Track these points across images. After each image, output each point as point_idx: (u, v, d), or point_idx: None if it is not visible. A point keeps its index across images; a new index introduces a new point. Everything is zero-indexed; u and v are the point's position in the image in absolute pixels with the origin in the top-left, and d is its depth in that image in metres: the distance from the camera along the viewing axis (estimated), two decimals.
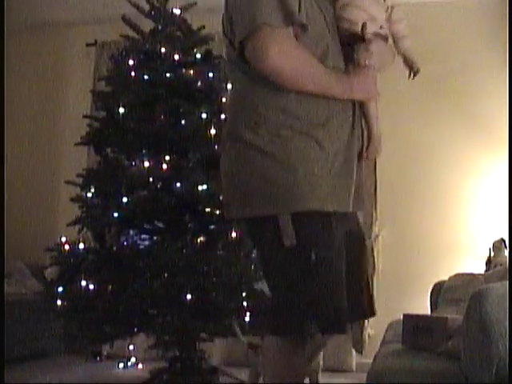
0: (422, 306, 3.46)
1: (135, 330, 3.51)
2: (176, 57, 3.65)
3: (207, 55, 3.79)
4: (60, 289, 3.51)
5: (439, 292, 3.30)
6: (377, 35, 1.93)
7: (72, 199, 3.68)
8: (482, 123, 4.33)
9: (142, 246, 3.62)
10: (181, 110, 3.57)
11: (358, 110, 1.98)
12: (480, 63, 4.39)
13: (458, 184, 4.39)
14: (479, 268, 3.77)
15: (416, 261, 4.21)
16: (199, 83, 3.63)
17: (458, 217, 4.35)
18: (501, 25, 4.24)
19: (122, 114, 3.56)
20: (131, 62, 3.65)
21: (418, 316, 2.08)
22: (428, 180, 4.28)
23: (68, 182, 3.74)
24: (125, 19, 3.68)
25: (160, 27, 3.76)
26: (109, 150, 3.70)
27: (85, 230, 3.66)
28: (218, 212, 3.52)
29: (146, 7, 3.74)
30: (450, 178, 4.40)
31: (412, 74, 2.03)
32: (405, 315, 2.07)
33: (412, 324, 2.04)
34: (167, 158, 3.50)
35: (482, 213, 4.28)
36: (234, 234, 3.50)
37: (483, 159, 4.34)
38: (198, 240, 3.48)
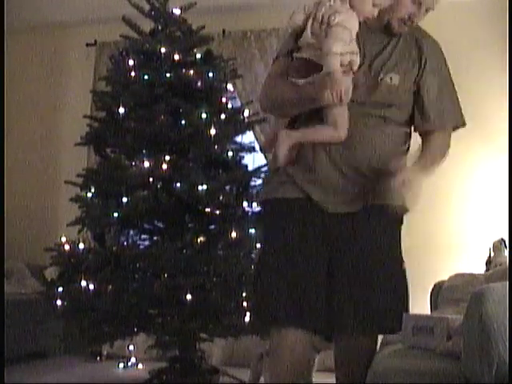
0: (422, 306, 3.46)
1: (135, 330, 3.51)
2: (176, 57, 3.65)
3: (207, 55, 3.79)
4: (60, 289, 3.52)
5: (439, 292, 3.30)
6: None
7: (72, 199, 3.68)
8: (482, 123, 4.33)
9: (141, 246, 3.62)
10: (181, 110, 3.57)
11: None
12: (480, 63, 4.39)
13: (458, 184, 4.38)
14: (479, 268, 3.77)
15: (416, 261, 4.19)
16: (199, 83, 3.63)
17: (457, 217, 4.35)
18: (501, 25, 4.24)
19: (122, 114, 3.56)
20: (131, 62, 3.65)
21: (417, 316, 2.08)
22: (428, 180, 4.27)
23: (68, 182, 3.74)
24: (125, 19, 3.68)
25: (160, 27, 3.76)
26: (109, 150, 3.71)
27: (85, 230, 3.66)
28: (217, 212, 3.52)
29: (146, 7, 3.74)
30: (450, 178, 4.39)
31: None
32: (405, 315, 2.07)
33: (412, 324, 2.04)
34: (167, 157, 3.50)
35: (482, 213, 4.28)
36: (233, 234, 3.50)
37: (483, 159, 4.33)
38: (198, 240, 3.48)
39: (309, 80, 2.00)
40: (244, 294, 3.45)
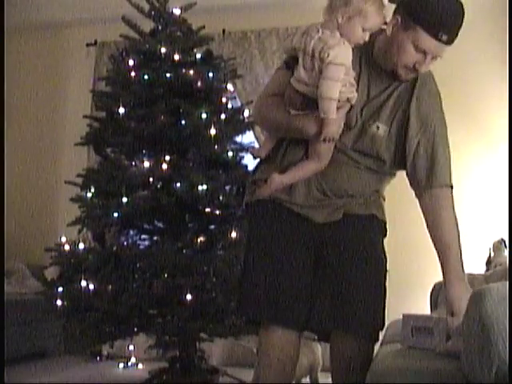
0: (422, 306, 3.46)
1: (135, 330, 3.51)
2: (176, 57, 3.65)
3: (207, 55, 3.79)
4: (60, 289, 3.52)
5: (439, 292, 3.30)
6: None
7: (72, 199, 3.68)
8: (482, 123, 4.33)
9: (141, 246, 3.62)
10: (181, 110, 3.57)
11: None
12: (480, 63, 4.39)
13: (458, 184, 4.37)
14: (479, 268, 3.77)
15: (416, 261, 4.20)
16: (199, 83, 3.63)
17: (457, 217, 4.34)
18: (501, 25, 4.24)
19: (122, 114, 3.57)
20: (131, 62, 3.65)
21: (416, 316, 2.09)
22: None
23: (68, 182, 3.74)
24: (125, 19, 3.68)
25: (160, 27, 3.76)
26: (109, 150, 3.71)
27: (85, 230, 3.66)
28: (217, 212, 3.52)
29: (146, 7, 3.74)
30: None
31: None
32: (404, 315, 2.08)
33: (411, 324, 2.05)
34: (167, 158, 3.50)
35: (482, 213, 4.28)
36: (233, 234, 3.50)
37: (483, 160, 4.33)
38: (198, 240, 3.48)
39: (301, 114, 1.99)
40: None
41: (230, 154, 3.70)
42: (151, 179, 3.49)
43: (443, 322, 1.97)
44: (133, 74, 3.62)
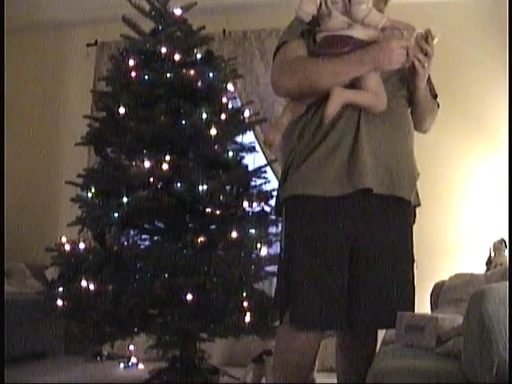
0: (422, 306, 3.46)
1: (135, 330, 3.51)
2: (176, 57, 3.65)
3: (207, 55, 3.79)
4: (60, 289, 3.52)
5: (439, 292, 3.30)
6: None
7: (72, 199, 3.68)
8: (482, 123, 4.34)
9: (142, 246, 3.62)
10: (181, 110, 3.57)
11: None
12: (480, 63, 4.39)
13: (458, 184, 4.39)
14: (479, 268, 3.77)
15: (416, 261, 4.20)
16: (199, 83, 3.63)
17: (458, 216, 4.36)
18: (501, 25, 4.24)
19: (123, 114, 3.57)
20: (131, 62, 3.65)
21: (410, 315, 2.12)
22: (428, 180, 4.26)
23: (68, 182, 3.74)
24: (125, 19, 3.68)
25: (160, 27, 3.76)
26: (109, 150, 3.71)
27: (85, 230, 3.66)
28: (218, 212, 3.52)
29: (147, 7, 3.74)
30: (451, 178, 4.40)
31: None
32: (398, 313, 2.12)
33: (404, 322, 2.09)
34: (167, 158, 3.50)
35: (482, 213, 4.28)
36: (234, 234, 3.50)
37: (484, 160, 4.34)
38: (198, 240, 3.48)
39: (366, 41, 2.02)
40: (244, 294, 3.46)
41: (231, 154, 3.70)
42: (151, 179, 3.49)
43: (433, 321, 2.02)
44: (133, 74, 3.62)
